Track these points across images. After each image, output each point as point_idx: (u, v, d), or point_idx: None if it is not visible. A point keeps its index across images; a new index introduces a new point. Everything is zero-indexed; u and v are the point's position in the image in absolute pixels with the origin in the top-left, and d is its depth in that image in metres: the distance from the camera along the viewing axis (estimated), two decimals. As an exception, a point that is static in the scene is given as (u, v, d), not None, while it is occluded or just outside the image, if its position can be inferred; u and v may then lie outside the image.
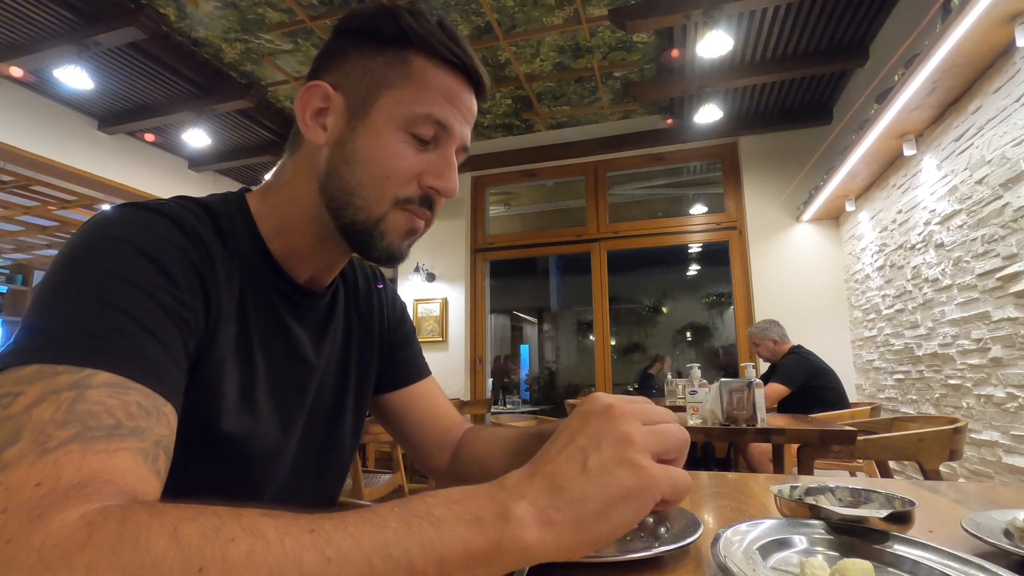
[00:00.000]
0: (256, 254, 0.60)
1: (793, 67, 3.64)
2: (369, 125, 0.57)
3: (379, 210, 0.58)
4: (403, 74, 0.58)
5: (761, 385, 1.92)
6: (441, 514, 0.34)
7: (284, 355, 0.62)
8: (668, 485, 0.36)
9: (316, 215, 0.60)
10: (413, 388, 0.80)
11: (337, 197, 0.58)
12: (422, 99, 0.57)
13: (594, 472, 0.36)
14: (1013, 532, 0.49)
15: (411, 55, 0.58)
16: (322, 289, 0.68)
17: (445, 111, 0.58)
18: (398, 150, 0.57)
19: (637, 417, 0.39)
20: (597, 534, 0.35)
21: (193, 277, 0.50)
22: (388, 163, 0.57)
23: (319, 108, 0.59)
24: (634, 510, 0.35)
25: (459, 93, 0.60)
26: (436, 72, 0.58)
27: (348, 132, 0.58)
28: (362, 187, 0.57)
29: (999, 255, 2.15)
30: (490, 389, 5.40)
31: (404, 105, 0.57)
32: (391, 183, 0.57)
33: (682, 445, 0.40)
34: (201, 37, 3.48)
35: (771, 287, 4.26)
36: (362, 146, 0.57)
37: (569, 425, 0.40)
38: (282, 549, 0.30)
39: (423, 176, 0.58)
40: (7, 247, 7.51)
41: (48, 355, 0.39)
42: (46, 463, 0.33)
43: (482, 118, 4.64)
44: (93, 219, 0.50)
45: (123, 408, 0.38)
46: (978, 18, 1.88)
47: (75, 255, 0.46)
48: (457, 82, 0.60)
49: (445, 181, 0.59)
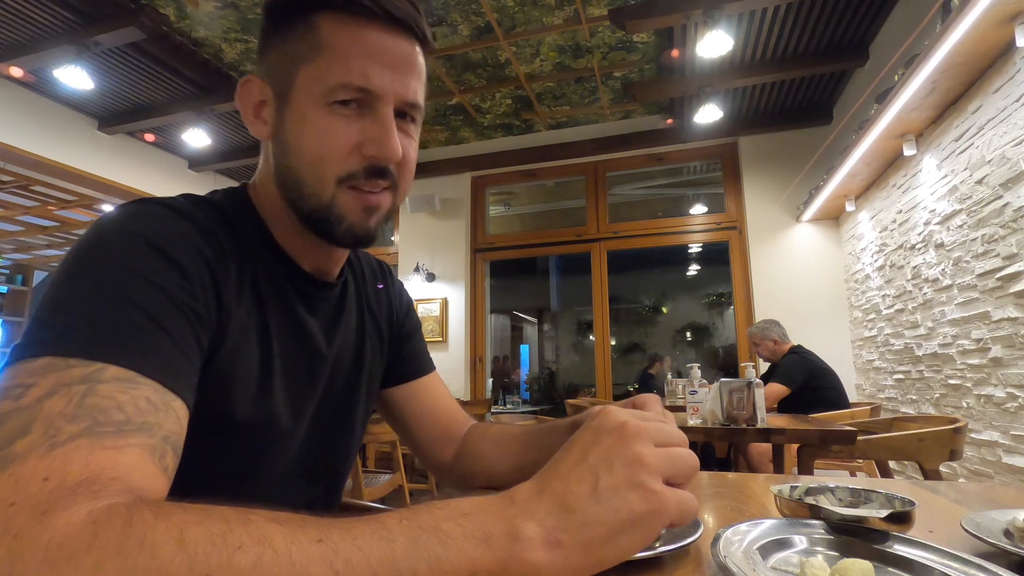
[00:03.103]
0: (265, 246, 0.60)
1: (793, 67, 3.64)
2: (293, 109, 0.55)
3: (326, 194, 0.55)
4: (313, 45, 0.54)
5: (761, 385, 1.91)
6: (449, 529, 0.33)
7: (297, 344, 0.62)
8: (677, 510, 0.36)
9: (285, 209, 0.60)
10: (418, 383, 0.80)
11: (289, 189, 0.57)
12: (335, 67, 0.53)
13: (605, 495, 0.35)
14: (1013, 532, 0.49)
15: (318, 19, 0.54)
16: (332, 280, 0.67)
17: (363, 72, 0.53)
18: (324, 127, 0.54)
19: (651, 437, 0.38)
20: (603, 557, 0.34)
21: (204, 271, 0.51)
22: (319, 144, 0.54)
23: (258, 102, 0.58)
24: (642, 535, 0.35)
25: (379, 43, 0.54)
26: (345, 30, 0.53)
27: (279, 122, 0.57)
28: (303, 174, 0.56)
29: (999, 255, 2.15)
30: (490, 389, 5.40)
31: (320, 79, 0.53)
32: (328, 163, 0.54)
33: (692, 472, 0.39)
34: (201, 37, 3.48)
35: (771, 287, 4.26)
36: (292, 134, 0.55)
37: (581, 439, 0.39)
38: (289, 560, 0.30)
39: (362, 146, 0.55)
40: (7, 247, 7.51)
41: (60, 348, 0.39)
42: (55, 457, 0.33)
43: (482, 118, 4.64)
44: (105, 215, 0.50)
45: (132, 403, 0.38)
46: (978, 18, 1.88)
47: (88, 250, 0.46)
48: (374, 32, 0.54)
49: (381, 146, 0.54)
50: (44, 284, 8.14)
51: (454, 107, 4.47)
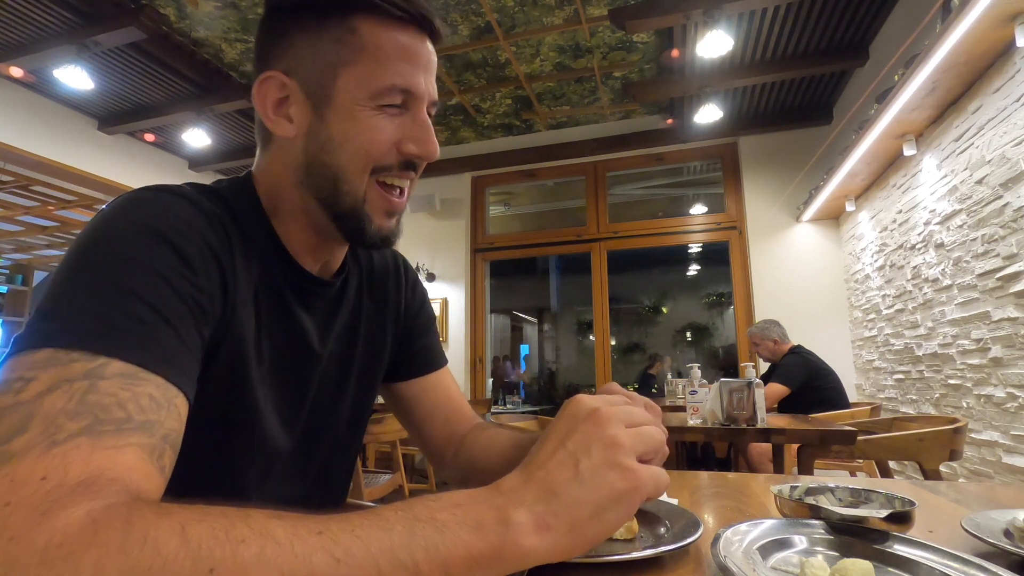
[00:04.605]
0: (267, 241, 0.60)
1: (793, 67, 3.64)
2: (337, 109, 0.56)
3: (361, 188, 0.57)
4: (354, 47, 0.55)
5: (761, 385, 1.91)
6: (444, 519, 0.35)
7: (288, 345, 0.61)
8: (652, 485, 0.39)
9: (305, 208, 0.60)
10: (428, 378, 0.79)
11: (323, 187, 0.58)
12: (382, 70, 0.55)
13: (586, 477, 0.38)
14: (1013, 532, 0.49)
15: (355, 21, 0.55)
16: (331, 277, 0.67)
17: (407, 75, 0.56)
18: (373, 124, 0.56)
19: (621, 420, 0.41)
20: (591, 535, 0.37)
21: (211, 261, 0.50)
22: (368, 140, 0.56)
23: (278, 99, 0.58)
24: (625, 510, 0.38)
25: (415, 48, 0.57)
26: (386, 34, 0.56)
27: (317, 120, 0.57)
28: (345, 170, 0.57)
29: (999, 255, 2.15)
30: (490, 389, 5.40)
31: (366, 81, 0.55)
32: (371, 156, 0.57)
33: (660, 446, 0.43)
34: (201, 37, 3.48)
35: (771, 287, 4.26)
36: (338, 131, 0.56)
37: (557, 428, 0.41)
38: (292, 551, 0.30)
39: (401, 143, 0.58)
40: (7, 247, 7.51)
41: (62, 340, 0.38)
42: (54, 456, 0.32)
43: (482, 118, 4.64)
44: (114, 202, 0.49)
45: (134, 400, 0.38)
46: (978, 18, 1.87)
47: (94, 239, 0.45)
48: (409, 36, 0.57)
49: (424, 145, 0.58)
50: (44, 283, 8.13)
51: (454, 107, 4.47)
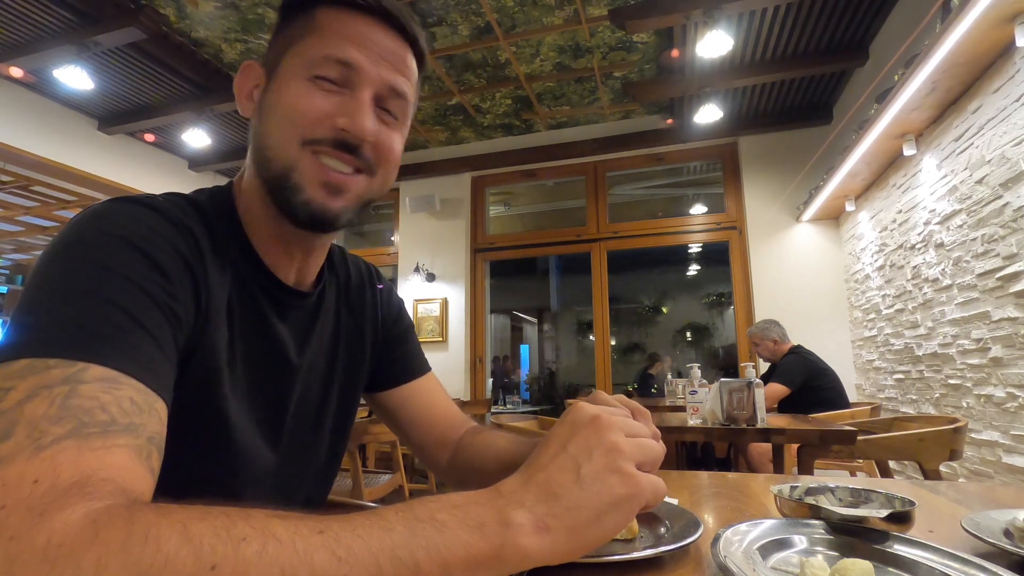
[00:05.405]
0: (242, 252, 0.60)
1: (793, 67, 3.64)
2: (278, 80, 0.58)
3: (288, 155, 0.56)
4: (307, 28, 0.58)
5: (761, 385, 1.91)
6: (444, 519, 0.35)
7: (264, 355, 0.61)
8: (651, 492, 0.39)
9: (263, 199, 0.60)
10: (411, 385, 0.79)
11: (257, 158, 0.59)
12: (323, 43, 0.56)
13: (587, 481, 0.38)
14: (1013, 532, 0.49)
15: (317, 10, 0.58)
16: (308, 288, 0.67)
17: (349, 50, 0.56)
18: (300, 93, 0.56)
19: (621, 429, 0.41)
20: (590, 538, 0.37)
21: (184, 271, 0.50)
22: (293, 107, 0.56)
23: (252, 86, 0.61)
24: (624, 515, 0.38)
25: (370, 35, 0.58)
26: (339, 16, 0.57)
27: (263, 96, 0.59)
28: (270, 136, 0.57)
29: (999, 255, 2.15)
30: (490, 389, 5.40)
31: (306, 54, 0.57)
32: (297, 126, 0.56)
33: (659, 459, 0.43)
34: (201, 37, 3.48)
35: (771, 287, 4.26)
36: (272, 100, 0.58)
37: (558, 434, 0.42)
38: (293, 549, 0.30)
39: (333, 118, 0.56)
40: (7, 247, 7.51)
41: (39, 349, 0.38)
42: (42, 459, 0.32)
43: (482, 118, 4.64)
44: (82, 212, 0.49)
45: (116, 404, 0.38)
46: (978, 18, 1.87)
47: (65, 248, 0.45)
48: (367, 24, 0.58)
49: (353, 120, 0.56)
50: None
51: (454, 107, 4.47)
